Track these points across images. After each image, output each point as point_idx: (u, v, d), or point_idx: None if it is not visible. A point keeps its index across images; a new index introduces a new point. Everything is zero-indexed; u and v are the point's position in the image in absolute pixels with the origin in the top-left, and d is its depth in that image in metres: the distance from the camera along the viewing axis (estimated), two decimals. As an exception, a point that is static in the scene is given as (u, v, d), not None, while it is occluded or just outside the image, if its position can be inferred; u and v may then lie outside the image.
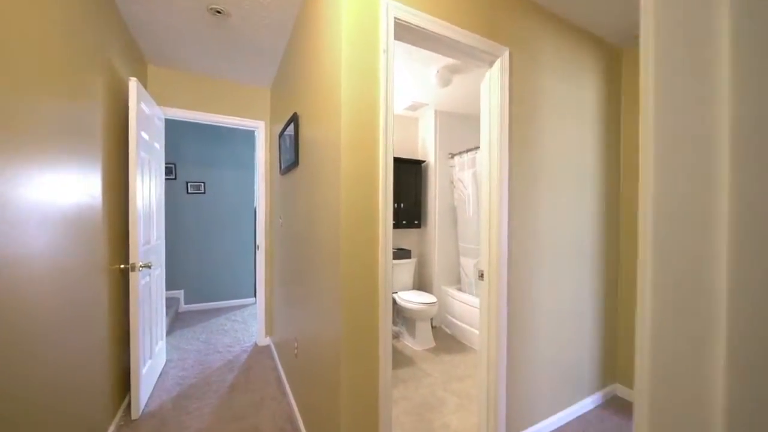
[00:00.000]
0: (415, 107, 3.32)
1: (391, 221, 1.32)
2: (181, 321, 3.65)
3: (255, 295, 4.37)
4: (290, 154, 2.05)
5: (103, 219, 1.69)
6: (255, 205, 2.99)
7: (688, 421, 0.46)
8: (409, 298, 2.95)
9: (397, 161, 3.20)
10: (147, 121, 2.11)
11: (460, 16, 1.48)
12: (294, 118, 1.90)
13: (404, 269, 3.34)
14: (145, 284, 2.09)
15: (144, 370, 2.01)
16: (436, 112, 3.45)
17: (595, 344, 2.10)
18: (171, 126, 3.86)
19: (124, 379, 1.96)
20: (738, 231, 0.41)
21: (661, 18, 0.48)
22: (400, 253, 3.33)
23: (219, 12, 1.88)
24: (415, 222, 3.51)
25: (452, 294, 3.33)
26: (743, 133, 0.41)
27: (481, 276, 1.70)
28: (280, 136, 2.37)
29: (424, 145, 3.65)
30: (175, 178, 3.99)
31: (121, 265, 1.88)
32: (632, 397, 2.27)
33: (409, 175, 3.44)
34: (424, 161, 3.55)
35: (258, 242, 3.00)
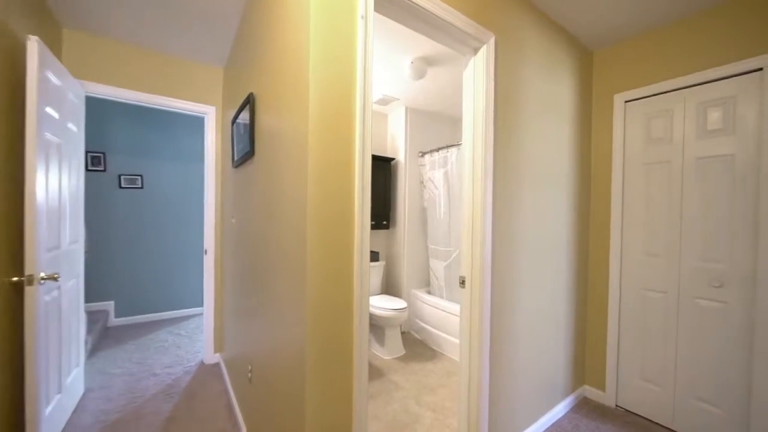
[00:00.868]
0: (385, 101, 3.14)
1: (368, 220, 1.12)
2: (111, 338, 3.10)
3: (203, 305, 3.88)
4: (245, 142, 1.75)
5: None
6: (204, 203, 2.61)
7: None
8: (378, 304, 2.76)
9: (366, 158, 2.99)
10: (56, 94, 1.68)
11: (445, -9, 1.32)
12: (249, 100, 1.61)
13: (372, 273, 3.14)
14: (52, 300, 1.66)
15: (48, 411, 1.58)
16: (407, 108, 3.30)
17: (568, 347, 2.07)
18: (97, 106, 3.29)
19: (21, 428, 1.52)
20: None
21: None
22: (369, 256, 3.13)
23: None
24: (384, 223, 3.33)
25: (422, 298, 3.20)
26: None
27: (462, 283, 1.56)
28: (233, 122, 2.05)
29: (394, 142, 3.48)
30: (104, 170, 3.40)
31: (14, 278, 1.45)
32: (600, 398, 2.32)
33: (378, 173, 3.25)
34: (393, 159, 3.38)
35: (206, 245, 2.61)
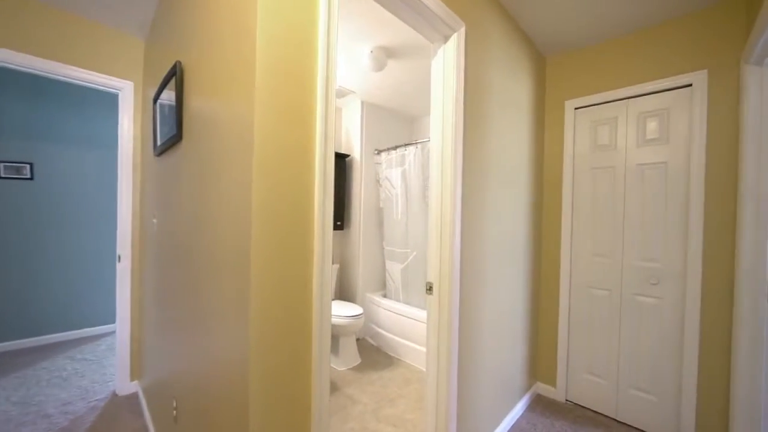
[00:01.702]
0: (341, 93, 2.93)
1: (331, 220, 0.93)
2: (-20, 371, 2.40)
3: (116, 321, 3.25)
4: (170, 124, 1.42)
5: None
6: (117, 199, 2.15)
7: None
8: (333, 311, 2.54)
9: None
10: None
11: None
12: (176, 70, 1.30)
13: (325, 277, 2.90)
14: None
15: None
16: (363, 103, 3.13)
17: (524, 347, 2.10)
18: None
19: None
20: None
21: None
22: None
23: None
24: (338, 223, 3.11)
25: (377, 302, 3.06)
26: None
27: (430, 289, 1.44)
28: (155, 100, 1.68)
29: (349, 138, 3.29)
30: (-27, 155, 2.64)
31: None
32: (552, 393, 2.40)
33: (332, 170, 3.02)
34: (348, 155, 3.19)
35: (120, 250, 2.14)
